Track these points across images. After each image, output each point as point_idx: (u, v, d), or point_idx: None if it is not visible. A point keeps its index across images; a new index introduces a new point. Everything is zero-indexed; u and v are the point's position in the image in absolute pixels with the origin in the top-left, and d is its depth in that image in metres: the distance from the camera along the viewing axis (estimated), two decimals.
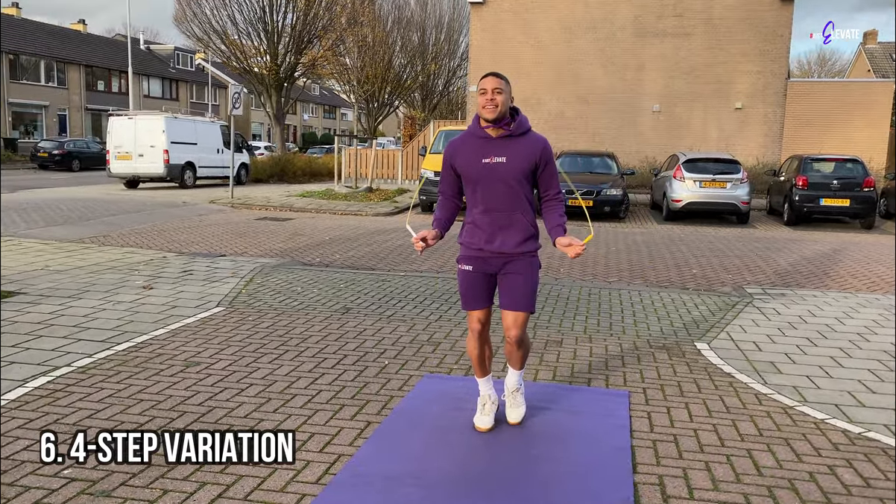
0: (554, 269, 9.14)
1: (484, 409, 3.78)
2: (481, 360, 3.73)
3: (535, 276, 3.55)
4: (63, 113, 42.24)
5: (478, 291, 3.57)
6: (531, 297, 3.53)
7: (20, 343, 4.97)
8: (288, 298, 6.71)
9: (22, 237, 10.19)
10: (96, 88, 44.94)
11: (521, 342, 3.60)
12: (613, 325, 6.08)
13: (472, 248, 3.55)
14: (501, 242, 3.49)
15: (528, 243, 3.52)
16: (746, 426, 3.86)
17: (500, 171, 3.40)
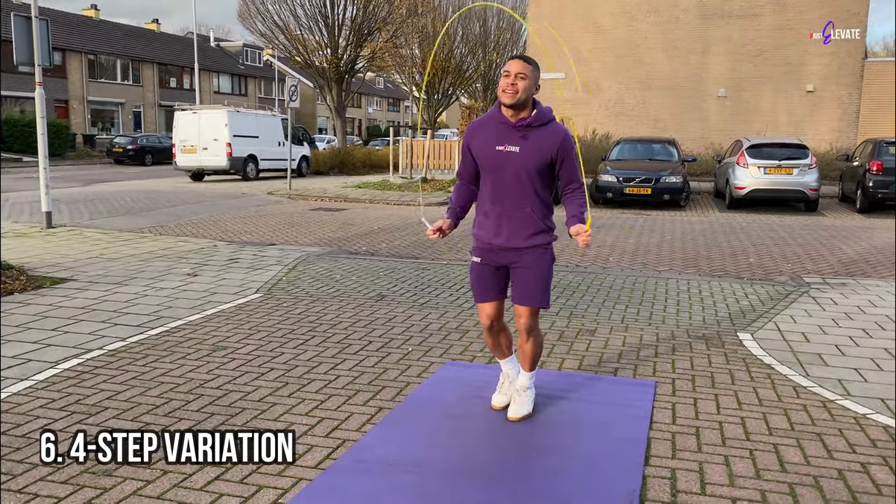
0: (602, 258, 8.91)
1: (501, 388, 3.71)
2: (498, 349, 3.67)
3: (547, 269, 3.41)
4: (138, 109, 43.89)
5: (487, 284, 3.47)
6: (543, 292, 3.41)
7: (60, 327, 5.14)
8: (325, 286, 6.74)
9: (84, 227, 10.60)
10: (169, 85, 46.51)
11: (532, 332, 3.48)
12: (654, 315, 5.87)
13: (482, 241, 3.46)
14: (509, 236, 3.37)
15: (538, 237, 3.38)
16: (778, 420, 3.64)
17: (511, 162, 3.28)
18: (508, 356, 3.71)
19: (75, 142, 36.35)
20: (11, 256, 7.86)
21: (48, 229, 10.11)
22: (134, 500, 2.69)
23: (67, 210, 12.84)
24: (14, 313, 5.49)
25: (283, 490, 2.81)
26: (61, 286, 6.52)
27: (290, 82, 16.82)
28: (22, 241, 9.14)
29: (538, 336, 3.54)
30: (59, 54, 38.94)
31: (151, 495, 2.73)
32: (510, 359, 3.72)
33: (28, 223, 10.83)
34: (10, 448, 3.14)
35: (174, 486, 2.81)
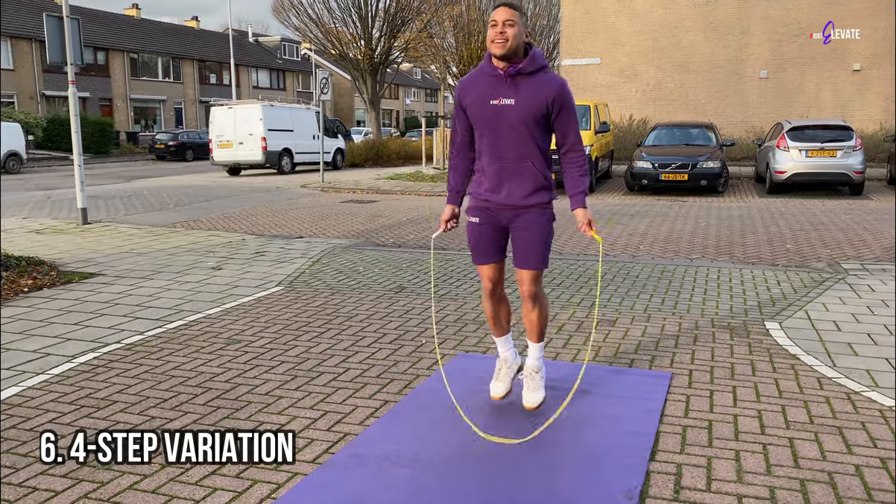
0: (633, 245, 8.74)
1: (499, 375, 3.61)
2: (496, 319, 3.55)
3: (547, 229, 3.31)
4: (179, 106, 44.69)
5: (486, 245, 3.37)
6: (543, 254, 3.31)
7: (82, 321, 5.23)
8: (347, 278, 6.73)
9: (119, 223, 10.81)
10: (209, 81, 47.22)
11: (536, 297, 3.38)
12: (679, 304, 5.71)
13: (479, 199, 3.35)
14: (508, 193, 3.25)
15: (539, 194, 3.26)
16: (797, 413, 3.49)
17: (507, 114, 3.15)
18: (506, 332, 3.59)
19: (119, 139, 37.18)
20: (46, 252, 8.06)
21: (84, 225, 10.33)
22: (129, 494, 2.70)
23: (105, 206, 13.12)
24: (40, 308, 5.60)
25: (278, 485, 2.79)
26: (89, 281, 6.64)
27: (320, 75, 16.88)
28: (58, 236, 9.36)
29: (544, 301, 3.45)
30: (103, 54, 39.89)
31: (147, 489, 2.73)
32: (506, 337, 3.60)
33: (66, 219, 11.08)
34: (17, 442, 3.18)
35: (170, 481, 2.80)
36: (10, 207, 13.05)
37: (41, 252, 8.05)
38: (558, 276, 6.83)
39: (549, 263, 3.40)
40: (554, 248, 8.48)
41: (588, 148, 15.09)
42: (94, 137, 33.68)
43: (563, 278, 6.71)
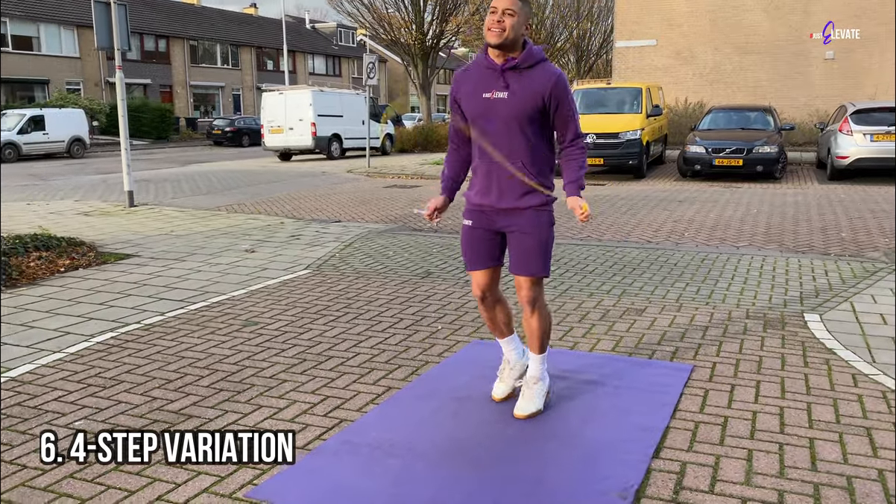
0: (678, 233, 8.43)
1: (501, 376, 3.44)
2: (495, 325, 3.37)
3: (545, 233, 3.09)
4: (237, 92, 45.50)
5: (479, 250, 3.18)
6: (543, 259, 3.10)
7: (108, 301, 5.30)
8: (375, 262, 6.67)
9: (164, 205, 11.01)
10: (266, 68, 47.91)
11: (536, 304, 3.17)
12: (714, 294, 5.45)
13: (472, 203, 3.19)
14: (499, 196, 3.06)
15: (532, 196, 3.04)
16: (823, 411, 3.25)
17: (499, 109, 2.97)
18: (508, 335, 3.40)
19: (179, 125, 38.10)
20: (89, 234, 8.25)
21: (130, 207, 10.56)
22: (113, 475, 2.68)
23: (154, 189, 13.41)
24: (71, 287, 5.71)
25: (262, 471, 2.73)
26: (124, 262, 6.75)
27: (367, 59, 16.85)
28: (104, 218, 9.58)
29: (544, 310, 3.23)
30: (164, 41, 40.86)
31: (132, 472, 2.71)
32: (511, 338, 3.40)
33: (115, 202, 11.36)
34: (19, 419, 3.22)
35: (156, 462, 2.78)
36: (64, 190, 13.47)
37: (86, 233, 8.25)
38: (592, 263, 6.62)
39: (549, 271, 3.18)
40: (593, 236, 8.25)
41: (639, 132, 14.68)
42: (154, 123, 34.62)
43: (596, 265, 6.50)
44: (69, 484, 2.62)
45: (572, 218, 9.47)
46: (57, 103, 30.12)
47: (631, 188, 13.30)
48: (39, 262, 6.43)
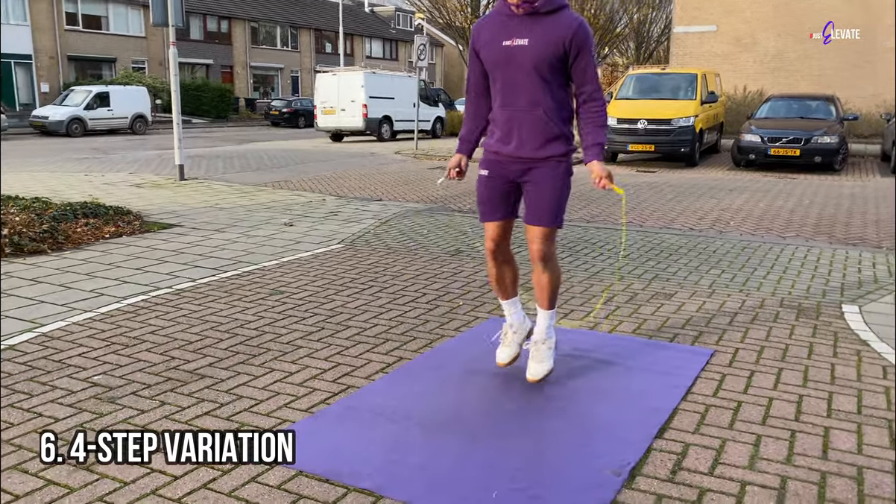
0: (723, 221, 8.20)
1: (505, 339, 3.40)
2: (500, 281, 3.33)
3: (561, 184, 3.05)
4: (295, 74, 46.10)
5: (494, 200, 3.15)
6: (555, 211, 3.06)
7: (144, 266, 5.45)
8: (408, 239, 6.69)
9: (214, 180, 11.26)
10: (324, 51, 48.37)
11: (547, 260, 3.13)
12: (750, 281, 5.29)
13: (490, 151, 3.15)
14: (518, 144, 3.02)
15: (552, 146, 3.00)
16: (845, 401, 3.12)
17: (519, 57, 2.93)
18: (512, 296, 3.37)
19: (238, 105, 38.84)
20: (138, 204, 8.50)
21: (180, 181, 10.83)
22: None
23: (207, 165, 13.71)
24: (112, 253, 5.90)
25: (263, 430, 2.77)
26: (166, 231, 6.93)
27: (417, 41, 16.84)
28: (154, 190, 9.85)
29: (555, 266, 3.19)
30: (226, 22, 41.64)
31: (139, 424, 2.79)
32: (515, 300, 3.38)
33: (166, 176, 11.66)
34: (42, 371, 3.34)
35: (163, 417, 2.86)
36: (121, 164, 13.89)
37: (135, 203, 8.50)
38: (629, 247, 6.49)
39: (563, 223, 3.16)
40: (635, 221, 8.10)
41: (692, 119, 14.31)
42: (214, 103, 35.37)
43: (631, 250, 6.38)
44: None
45: (615, 203, 9.32)
46: (122, 81, 31.05)
47: (681, 176, 13.00)
48: (86, 228, 6.65)
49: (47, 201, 7.65)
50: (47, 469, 2.44)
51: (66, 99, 25.88)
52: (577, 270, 5.55)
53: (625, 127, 14.62)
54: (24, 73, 32.46)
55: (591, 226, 7.63)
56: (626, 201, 9.52)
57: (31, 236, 5.93)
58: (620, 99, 15.51)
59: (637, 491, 2.36)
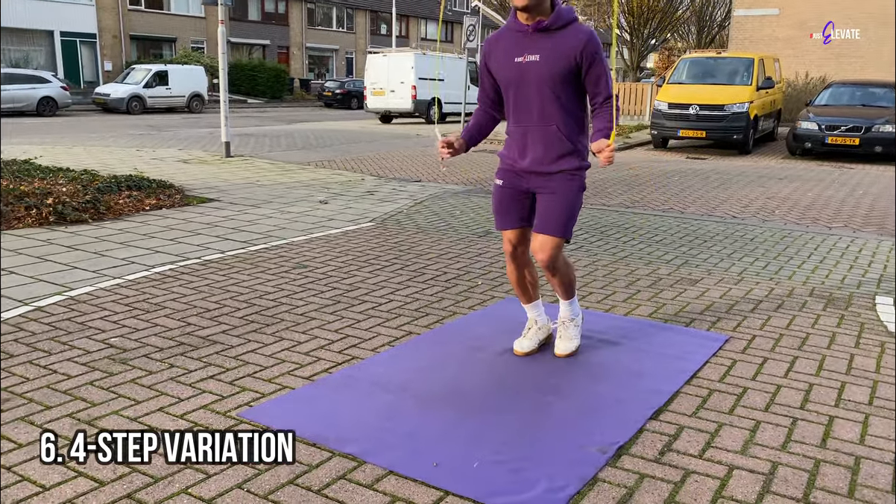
0: (768, 210, 7.98)
1: (527, 333, 3.44)
2: (521, 286, 3.36)
3: (572, 197, 3.07)
4: (350, 56, 46.42)
5: (508, 209, 3.20)
6: (564, 222, 3.06)
7: (178, 237, 5.61)
8: (439, 220, 6.71)
9: (258, 158, 11.46)
10: (379, 32, 48.54)
11: (554, 269, 3.16)
12: (783, 270, 5.14)
13: (506, 162, 3.20)
14: (533, 159, 3.06)
15: (566, 160, 3.04)
16: (856, 392, 3.02)
17: (532, 73, 2.94)
18: (535, 299, 3.40)
19: (293, 85, 39.33)
20: (182, 178, 8.73)
21: (226, 158, 11.07)
22: (127, 385, 2.87)
23: (254, 143, 13.97)
24: (149, 224, 6.08)
25: (262, 394, 2.85)
26: (204, 205, 7.11)
27: (467, 22, 16.74)
28: (199, 166, 10.10)
29: (564, 268, 3.22)
30: (283, 3, 42.13)
31: (145, 384, 2.89)
32: (536, 303, 3.41)
33: (214, 153, 11.93)
34: (63, 331, 3.49)
35: (169, 379, 2.96)
36: (172, 140, 14.26)
37: (179, 178, 8.73)
38: (663, 233, 6.38)
39: (571, 236, 3.15)
40: (675, 209, 7.93)
41: (746, 105, 13.88)
42: (269, 83, 35.90)
43: (665, 236, 6.27)
44: (86, 390, 2.83)
45: (657, 189, 9.15)
46: (181, 60, 31.77)
47: (731, 164, 12.66)
48: (128, 200, 6.87)
49: (95, 174, 7.92)
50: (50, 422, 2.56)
51: (126, 77, 26.65)
52: (604, 254, 5.49)
53: (676, 112, 14.29)
54: (89, 51, 33.52)
55: (629, 211, 7.51)
56: (636, 170, 9.35)
57: (75, 206, 6.16)
58: (672, 84, 15.14)
59: (620, 469, 2.34)
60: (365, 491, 2.17)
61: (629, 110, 20.20)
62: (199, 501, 2.08)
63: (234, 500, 2.10)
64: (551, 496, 2.14)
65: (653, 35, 37.35)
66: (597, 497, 2.17)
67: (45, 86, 23.10)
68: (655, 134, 14.88)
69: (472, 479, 2.23)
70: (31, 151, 10.56)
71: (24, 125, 18.15)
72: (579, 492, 2.19)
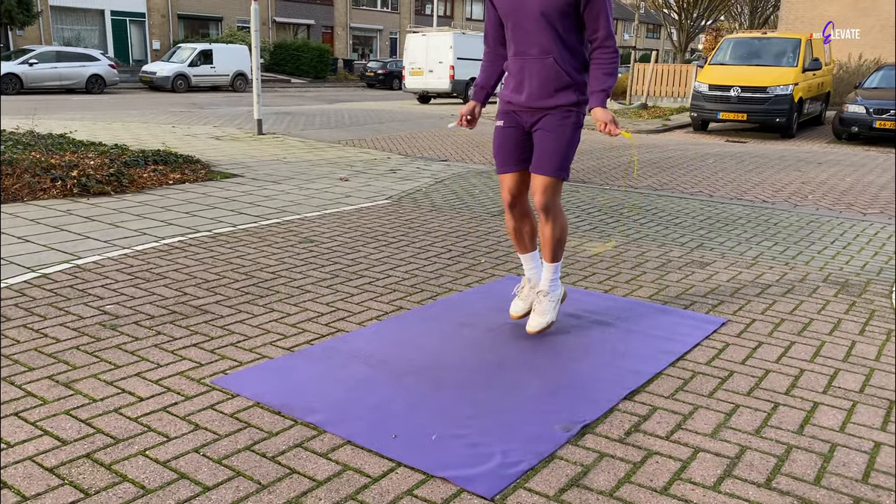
0: (801, 194, 7.73)
1: (521, 292, 3.40)
2: (518, 235, 3.34)
3: (569, 134, 3.02)
4: (394, 36, 46.36)
5: (508, 151, 3.16)
6: (560, 161, 3.02)
7: (193, 211, 5.70)
8: (456, 198, 6.68)
9: (289, 135, 11.56)
10: (424, 12, 48.33)
11: (550, 211, 3.11)
12: (800, 256, 4.99)
13: (504, 101, 3.16)
14: (530, 93, 3.01)
15: (564, 94, 2.98)
16: (849, 379, 2.92)
17: (530, 3, 2.91)
18: (531, 250, 3.37)
19: (336, 66, 39.51)
20: (211, 154, 8.86)
21: (258, 135, 11.19)
22: (109, 351, 2.93)
23: (288, 121, 14.09)
24: (169, 197, 6.20)
25: (240, 363, 2.88)
26: (227, 180, 7.21)
27: None
28: (230, 143, 10.24)
29: (559, 217, 3.17)
30: None
31: (129, 350, 2.96)
32: (533, 254, 3.38)
33: (247, 130, 12.07)
34: (62, 297, 3.58)
35: (152, 346, 3.02)
36: (210, 118, 14.47)
37: (208, 153, 8.87)
38: (684, 215, 6.25)
39: (568, 173, 3.11)
40: (704, 192, 7.76)
41: (790, 87, 13.44)
42: (312, 63, 36.12)
43: (686, 218, 6.13)
44: (71, 353, 2.91)
45: (688, 172, 8.95)
46: (226, 39, 32.17)
47: (771, 147, 12.29)
48: (153, 174, 7.01)
49: (125, 148, 8.09)
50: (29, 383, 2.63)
51: (172, 56, 27.12)
52: (617, 235, 5.39)
53: (716, 94, 13.93)
54: (138, 30, 34.18)
55: (656, 194, 7.37)
56: (635, 143, 9.15)
57: (98, 179, 6.31)
58: (714, 64, 14.74)
59: (581, 448, 2.30)
60: (318, 459, 2.18)
61: (670, 92, 19.74)
62: (153, 463, 2.12)
63: (189, 463, 2.14)
64: (502, 471, 2.12)
65: (703, 16, 36.35)
66: (549, 474, 2.14)
67: (94, 64, 23.68)
68: (695, 116, 14.53)
69: (426, 451, 2.22)
70: (71, 126, 10.85)
71: (71, 102, 18.65)
72: (533, 468, 2.16)
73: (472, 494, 2.02)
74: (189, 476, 2.07)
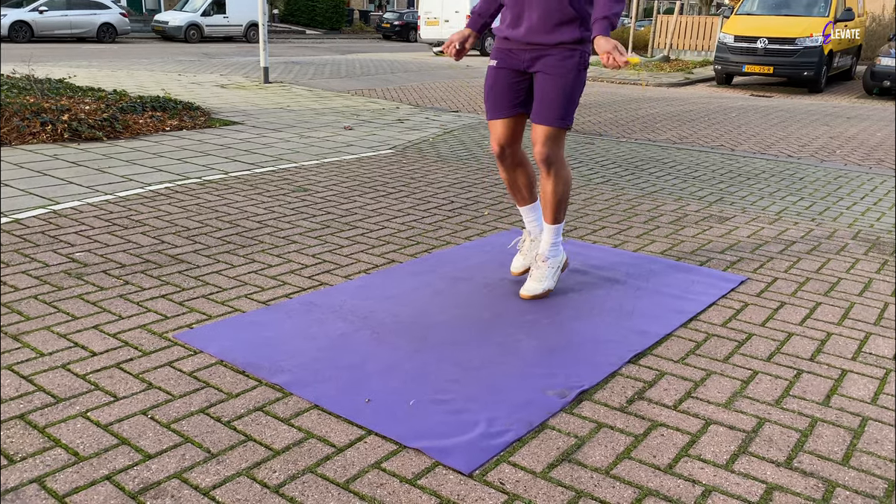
0: (829, 149, 7.33)
1: (522, 247, 3.13)
2: (513, 186, 3.05)
3: (572, 77, 2.69)
4: None
5: (500, 94, 2.83)
6: (561, 108, 2.70)
7: (185, 158, 5.44)
8: (463, 149, 6.36)
9: (297, 84, 11.21)
10: None
11: (549, 164, 2.80)
12: (828, 212, 4.65)
13: (500, 38, 2.82)
14: (529, 27, 2.68)
15: (566, 29, 2.65)
16: (881, 344, 2.62)
17: None
18: (530, 202, 3.07)
19: (352, 17, 38.66)
20: (213, 102, 8.56)
21: (264, 84, 10.85)
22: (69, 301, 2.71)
23: (298, 70, 13.70)
24: (163, 144, 5.93)
25: (209, 317, 2.64)
26: (227, 127, 6.92)
27: None
28: (235, 91, 9.92)
29: (562, 172, 2.85)
30: None
31: (86, 300, 2.73)
32: (532, 206, 3.08)
33: (254, 79, 11.72)
34: (32, 244, 3.35)
35: (119, 297, 2.78)
36: (218, 67, 14.11)
37: (210, 101, 8.57)
38: (703, 169, 5.90)
39: (572, 121, 2.78)
40: (726, 146, 7.36)
41: (820, 38, 12.82)
42: (328, 14, 35.37)
43: (705, 172, 5.78)
44: (27, 303, 2.68)
45: (710, 125, 8.54)
46: None
47: (797, 102, 11.77)
48: (150, 121, 6.73)
49: (123, 93, 7.81)
50: None
51: (185, 5, 26.57)
52: (631, 188, 5.07)
53: (742, 46, 13.33)
54: None
55: (674, 147, 7.00)
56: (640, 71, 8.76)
57: (90, 124, 6.05)
58: (741, 14, 14.09)
59: (577, 416, 2.04)
60: (279, 425, 1.94)
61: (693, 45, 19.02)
62: (93, 426, 1.89)
63: (133, 427, 1.91)
64: (484, 442, 1.87)
65: None
66: (538, 446, 1.89)
67: (105, 12, 23.22)
68: (719, 69, 13.95)
69: (401, 418, 1.98)
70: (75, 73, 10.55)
71: (80, 50, 18.32)
72: (520, 439, 1.91)
73: (448, 469, 1.78)
74: (130, 441, 1.84)
